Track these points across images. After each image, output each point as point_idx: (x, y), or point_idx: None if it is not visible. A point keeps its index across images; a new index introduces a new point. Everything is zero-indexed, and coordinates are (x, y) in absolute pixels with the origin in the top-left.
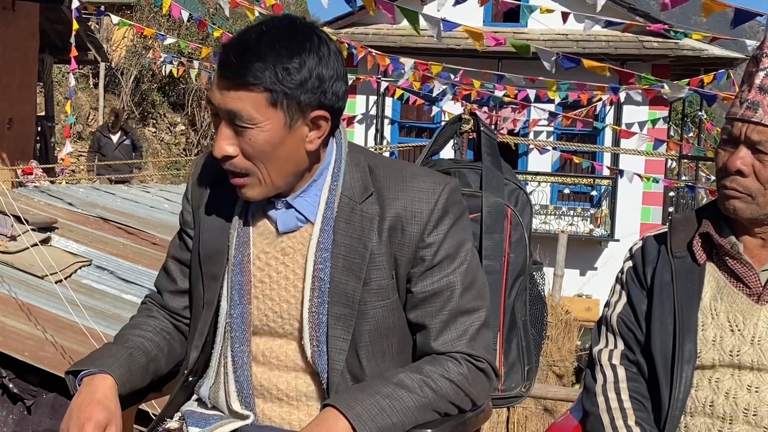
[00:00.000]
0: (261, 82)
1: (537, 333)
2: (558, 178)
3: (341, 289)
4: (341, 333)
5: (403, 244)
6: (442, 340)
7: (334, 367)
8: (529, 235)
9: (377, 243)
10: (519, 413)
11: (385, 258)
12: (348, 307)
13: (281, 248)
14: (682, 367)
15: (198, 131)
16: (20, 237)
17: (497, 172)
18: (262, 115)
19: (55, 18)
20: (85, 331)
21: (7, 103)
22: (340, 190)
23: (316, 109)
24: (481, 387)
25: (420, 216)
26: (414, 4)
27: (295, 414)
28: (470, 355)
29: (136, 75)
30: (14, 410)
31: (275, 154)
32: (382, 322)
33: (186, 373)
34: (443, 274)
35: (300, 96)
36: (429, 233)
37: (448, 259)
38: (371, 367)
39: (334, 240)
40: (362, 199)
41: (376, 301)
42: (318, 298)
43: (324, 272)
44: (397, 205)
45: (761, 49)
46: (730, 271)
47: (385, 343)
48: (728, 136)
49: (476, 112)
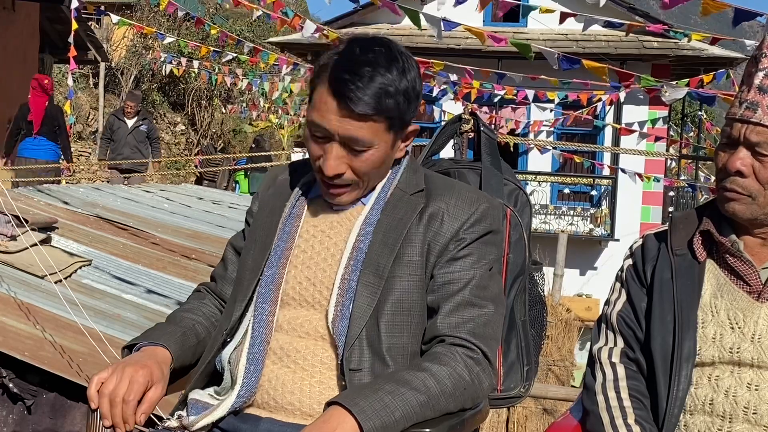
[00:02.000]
0: (382, 113)
1: (536, 333)
2: (558, 177)
3: (375, 260)
4: (367, 300)
5: (439, 234)
6: (448, 323)
7: (353, 334)
8: (529, 235)
9: (416, 225)
10: (519, 413)
11: (419, 239)
12: (378, 277)
13: (329, 223)
14: (681, 365)
15: (198, 131)
16: (20, 237)
17: (496, 172)
18: (379, 139)
19: (55, 18)
20: (84, 331)
21: (7, 103)
22: (396, 183)
23: (411, 126)
24: (481, 385)
25: (461, 215)
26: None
27: (306, 381)
28: (471, 342)
29: (136, 75)
30: (14, 410)
31: (380, 168)
32: (406, 296)
33: (225, 334)
34: (464, 267)
35: (405, 117)
36: (464, 230)
37: (472, 257)
38: (388, 338)
39: (379, 219)
40: (413, 192)
41: (404, 274)
42: (353, 266)
43: (364, 243)
44: (441, 202)
45: (760, 49)
46: (730, 269)
47: (406, 318)
48: (728, 137)
49: (476, 112)
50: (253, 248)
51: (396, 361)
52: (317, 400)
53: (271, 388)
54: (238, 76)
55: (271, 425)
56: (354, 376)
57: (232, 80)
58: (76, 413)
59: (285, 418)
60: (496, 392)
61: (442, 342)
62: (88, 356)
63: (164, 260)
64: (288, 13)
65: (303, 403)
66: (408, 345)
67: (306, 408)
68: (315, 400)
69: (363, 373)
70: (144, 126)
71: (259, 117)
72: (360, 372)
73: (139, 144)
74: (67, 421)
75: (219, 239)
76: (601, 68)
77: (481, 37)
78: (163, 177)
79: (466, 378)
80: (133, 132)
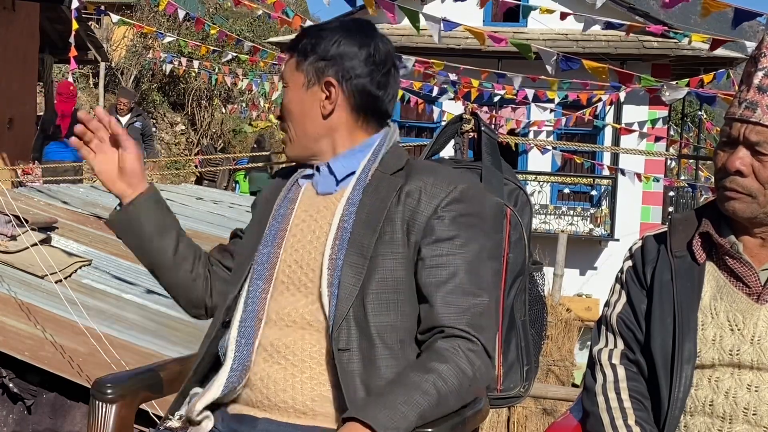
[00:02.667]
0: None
1: (536, 333)
2: (558, 177)
3: (358, 240)
4: (352, 280)
5: (417, 212)
6: (446, 313)
7: (341, 314)
8: (529, 235)
9: (395, 204)
10: (519, 413)
11: (399, 217)
12: (362, 257)
13: (316, 207)
14: (681, 367)
15: (198, 131)
16: (20, 237)
17: (497, 172)
18: (291, 76)
19: (55, 18)
20: (84, 331)
21: (7, 103)
22: (377, 165)
23: (329, 77)
24: (482, 378)
25: (438, 193)
26: (414, 4)
27: (298, 377)
28: (471, 335)
29: (136, 75)
30: (14, 410)
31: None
32: (390, 274)
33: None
34: (452, 249)
35: (318, 62)
36: (443, 208)
37: (459, 239)
38: (375, 317)
39: (361, 200)
40: (392, 172)
41: (387, 252)
42: (338, 246)
43: (348, 223)
44: (419, 181)
45: (759, 49)
46: (729, 271)
47: (392, 295)
48: (727, 136)
49: (477, 112)
50: (252, 234)
51: (384, 340)
52: (309, 396)
53: (264, 386)
54: (238, 76)
55: (269, 425)
56: (343, 356)
57: (232, 80)
58: (76, 413)
59: (280, 417)
60: (496, 392)
61: (441, 333)
62: (88, 356)
63: None
64: (288, 13)
65: (296, 400)
66: (397, 323)
67: (299, 405)
68: (307, 397)
69: (351, 353)
70: (138, 123)
71: (259, 117)
72: (348, 352)
73: None
74: (67, 421)
75: (219, 239)
76: (601, 68)
77: (481, 38)
78: (163, 177)
79: (469, 374)
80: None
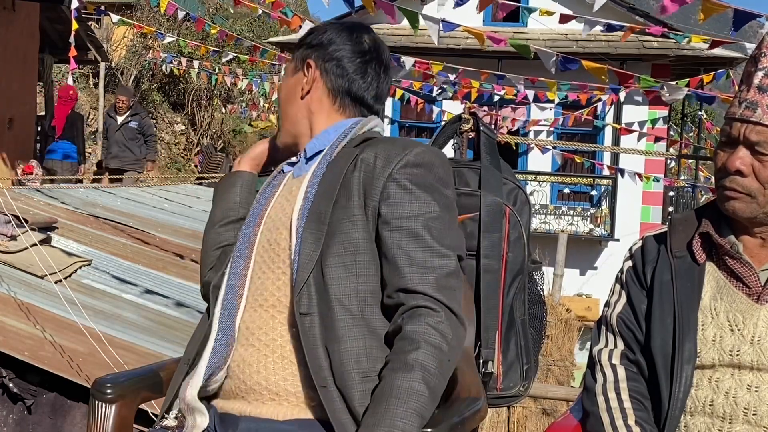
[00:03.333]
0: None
1: (536, 332)
2: (558, 177)
3: (317, 208)
4: (312, 247)
5: (372, 177)
6: (409, 273)
7: (301, 279)
8: (528, 234)
9: (351, 170)
10: (519, 413)
11: (356, 182)
12: (320, 223)
13: (290, 189)
14: (682, 367)
15: (198, 131)
16: (20, 237)
17: (496, 172)
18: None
19: (55, 18)
20: (84, 331)
21: (7, 103)
22: (345, 142)
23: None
24: (456, 344)
25: (393, 157)
26: (414, 5)
27: (270, 358)
28: (434, 299)
29: (136, 75)
30: (14, 410)
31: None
32: (346, 237)
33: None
34: (413, 212)
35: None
36: (398, 170)
37: (418, 202)
38: (336, 281)
39: (324, 173)
40: (355, 145)
41: (344, 217)
42: (301, 218)
43: (311, 194)
44: (375, 148)
45: (759, 48)
46: (729, 271)
47: (351, 258)
48: (727, 136)
49: (476, 112)
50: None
51: (342, 302)
52: (281, 375)
53: (240, 371)
54: (238, 76)
55: (249, 423)
56: (305, 320)
57: (232, 80)
58: (76, 413)
59: (257, 404)
60: (496, 391)
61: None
62: (88, 356)
63: (164, 260)
64: (287, 13)
65: (269, 381)
66: (356, 285)
67: (272, 386)
68: (279, 377)
69: (312, 317)
70: (134, 122)
71: (259, 117)
72: (310, 316)
73: (128, 142)
74: (67, 421)
75: None
76: (601, 69)
77: (480, 39)
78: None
79: (444, 349)
80: (121, 129)
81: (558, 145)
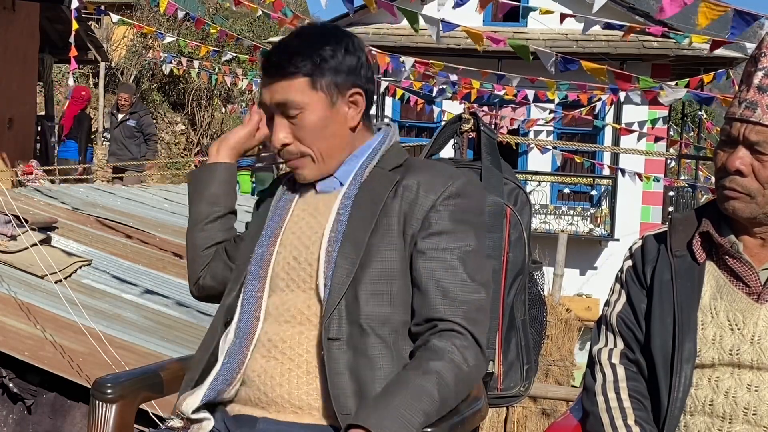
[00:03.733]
0: (300, 70)
1: (536, 332)
2: (558, 177)
3: (353, 233)
4: (345, 271)
5: (415, 205)
6: (442, 304)
7: (332, 303)
8: (529, 234)
9: (391, 198)
10: (518, 413)
11: (396, 211)
12: (356, 248)
13: (315, 205)
14: (681, 366)
15: (198, 131)
16: (20, 237)
17: (496, 172)
18: (308, 99)
19: (55, 18)
20: (84, 331)
21: (7, 103)
22: (375, 162)
23: (352, 89)
24: (477, 372)
25: (437, 188)
26: (414, 5)
27: (294, 372)
28: (464, 327)
29: (136, 75)
30: (14, 410)
31: (324, 133)
32: (384, 265)
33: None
34: (450, 245)
35: (336, 78)
36: (441, 202)
37: (457, 234)
38: (368, 308)
39: (357, 194)
40: (391, 168)
41: (382, 244)
42: (334, 239)
43: (344, 216)
44: (417, 176)
45: (759, 48)
46: (729, 270)
47: (386, 286)
48: (727, 136)
49: (476, 112)
50: (250, 233)
51: (374, 330)
52: (305, 390)
53: (261, 383)
54: (238, 76)
55: (267, 425)
56: (332, 346)
57: (232, 80)
58: (76, 413)
59: (277, 414)
60: (496, 391)
61: (435, 328)
62: (88, 356)
63: (164, 260)
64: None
65: (292, 395)
66: (390, 315)
67: (295, 400)
68: (303, 391)
69: (341, 342)
70: (132, 121)
71: None
72: (338, 341)
73: (126, 140)
74: (67, 421)
75: None
76: (600, 69)
77: (479, 40)
78: (163, 177)
79: (464, 370)
80: (120, 126)
81: (558, 145)
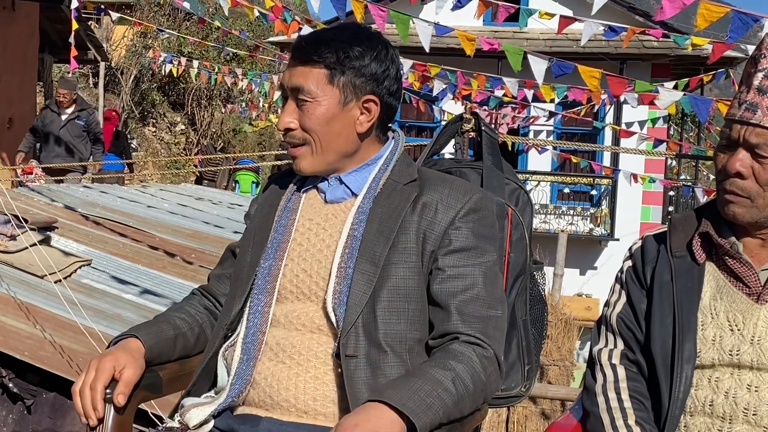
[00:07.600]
0: (322, 61)
1: (537, 333)
2: (558, 177)
3: (370, 248)
4: (363, 288)
5: (434, 223)
6: (461, 321)
7: (350, 321)
8: (530, 234)
9: (410, 214)
10: (519, 413)
11: (414, 228)
12: (374, 265)
13: (325, 216)
14: (681, 367)
15: (198, 131)
16: (20, 237)
17: (498, 172)
18: (321, 91)
19: (55, 17)
20: (84, 331)
21: (7, 102)
22: (388, 173)
23: (368, 95)
24: (494, 385)
25: (455, 204)
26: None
27: (302, 377)
28: (485, 342)
29: (136, 74)
30: (14, 410)
31: (328, 127)
32: (402, 283)
33: (225, 328)
34: (469, 261)
35: (355, 79)
36: (460, 219)
37: (475, 250)
38: (384, 325)
39: (372, 208)
40: (406, 182)
41: (400, 261)
42: (348, 254)
43: (358, 231)
44: (435, 192)
45: (759, 50)
46: (729, 271)
47: (403, 304)
48: (727, 138)
49: (477, 112)
50: (251, 245)
51: (392, 347)
52: (312, 396)
53: (267, 385)
54: (238, 76)
55: (271, 425)
56: (350, 363)
57: (232, 80)
58: (76, 413)
59: (281, 416)
60: (498, 391)
61: (456, 339)
62: (88, 356)
63: (164, 260)
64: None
65: (298, 399)
66: (406, 332)
67: (301, 404)
68: (310, 396)
69: (359, 360)
70: (81, 120)
71: (258, 117)
72: (356, 359)
73: (74, 140)
74: (67, 421)
75: (219, 239)
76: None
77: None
78: (163, 176)
79: (482, 378)
80: (67, 126)
81: (558, 145)
